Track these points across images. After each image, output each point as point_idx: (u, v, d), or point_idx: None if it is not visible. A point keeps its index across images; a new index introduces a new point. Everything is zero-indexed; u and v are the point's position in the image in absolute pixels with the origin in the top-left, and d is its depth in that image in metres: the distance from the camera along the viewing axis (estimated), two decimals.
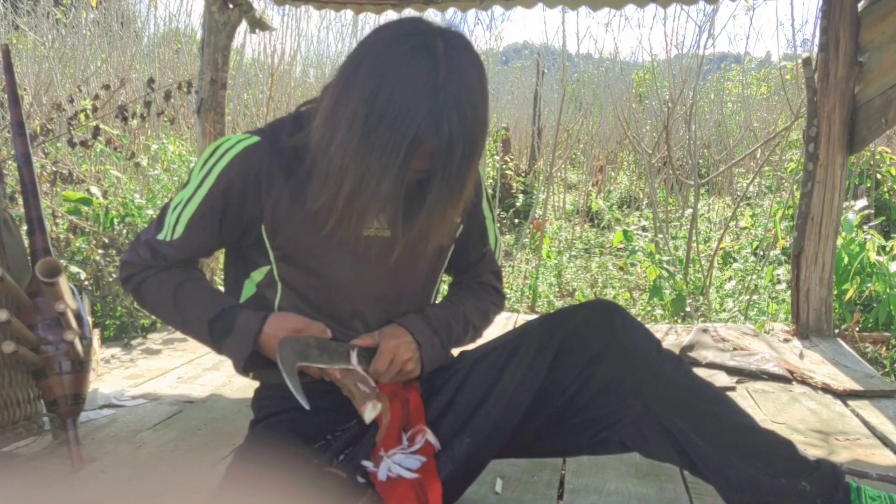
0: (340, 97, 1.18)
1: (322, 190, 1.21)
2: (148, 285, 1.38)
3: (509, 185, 7.54)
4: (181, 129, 6.29)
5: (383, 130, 1.12)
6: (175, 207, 1.35)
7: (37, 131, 3.63)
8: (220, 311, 1.33)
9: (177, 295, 1.35)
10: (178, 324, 1.39)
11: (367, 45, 1.20)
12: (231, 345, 1.32)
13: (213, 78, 3.54)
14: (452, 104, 1.14)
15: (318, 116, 1.23)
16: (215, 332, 1.33)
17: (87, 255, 3.30)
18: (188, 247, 1.36)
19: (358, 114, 1.14)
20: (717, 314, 4.35)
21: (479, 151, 1.21)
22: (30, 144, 1.89)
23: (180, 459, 1.85)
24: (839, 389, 2.49)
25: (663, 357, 1.36)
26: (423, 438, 1.28)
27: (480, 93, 1.19)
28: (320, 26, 8.69)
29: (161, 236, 1.36)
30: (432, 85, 1.13)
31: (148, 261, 1.38)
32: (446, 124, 1.13)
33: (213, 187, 1.31)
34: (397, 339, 1.35)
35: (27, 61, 6.31)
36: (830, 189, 3.16)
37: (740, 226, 6.40)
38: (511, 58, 12.12)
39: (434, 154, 1.16)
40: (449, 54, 1.16)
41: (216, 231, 1.35)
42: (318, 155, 1.21)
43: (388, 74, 1.14)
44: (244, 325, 1.31)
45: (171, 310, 1.36)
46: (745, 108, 7.76)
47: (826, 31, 3.13)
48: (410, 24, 1.22)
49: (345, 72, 1.20)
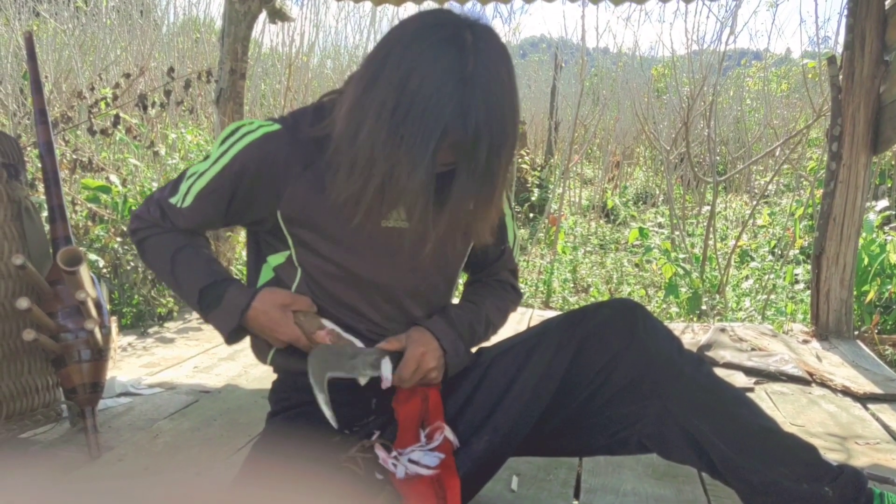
0: (368, 88, 1.17)
1: (349, 181, 1.19)
2: (151, 242, 1.40)
3: (525, 180, 7.52)
4: (199, 118, 6.31)
5: (412, 122, 1.11)
6: (190, 176, 1.36)
7: (57, 119, 3.64)
8: (211, 282, 1.34)
9: (175, 258, 1.37)
10: (172, 286, 1.41)
11: (396, 35, 1.19)
12: (218, 316, 1.33)
13: (232, 68, 3.54)
14: (480, 96, 1.12)
15: (342, 107, 1.22)
16: (204, 302, 1.34)
17: (106, 243, 3.31)
18: (194, 217, 1.37)
19: (386, 104, 1.13)
20: (734, 313, 4.32)
21: (509, 144, 1.19)
22: (51, 131, 1.90)
23: (196, 450, 1.86)
24: (859, 392, 2.46)
25: (685, 357, 1.34)
26: (441, 435, 1.27)
27: (509, 85, 1.17)
28: (338, 17, 8.69)
29: (172, 200, 1.38)
30: (460, 76, 1.11)
31: (156, 219, 1.40)
32: (473, 117, 1.12)
33: (227, 167, 1.32)
34: (425, 346, 1.33)
35: (47, 48, 6.33)
36: (853, 189, 3.12)
37: (758, 224, 6.35)
38: (528, 51, 12.06)
39: (458, 146, 1.14)
40: (477, 46, 1.14)
41: (223, 209, 1.35)
42: (343, 145, 1.20)
43: (416, 65, 1.12)
44: (232, 299, 1.32)
45: (168, 271, 1.38)
46: (766, 105, 7.68)
47: (852, 29, 3.08)
48: (440, 15, 1.21)
49: (372, 62, 1.19)
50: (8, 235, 1.78)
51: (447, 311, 1.41)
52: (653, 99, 7.75)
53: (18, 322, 1.76)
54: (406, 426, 1.28)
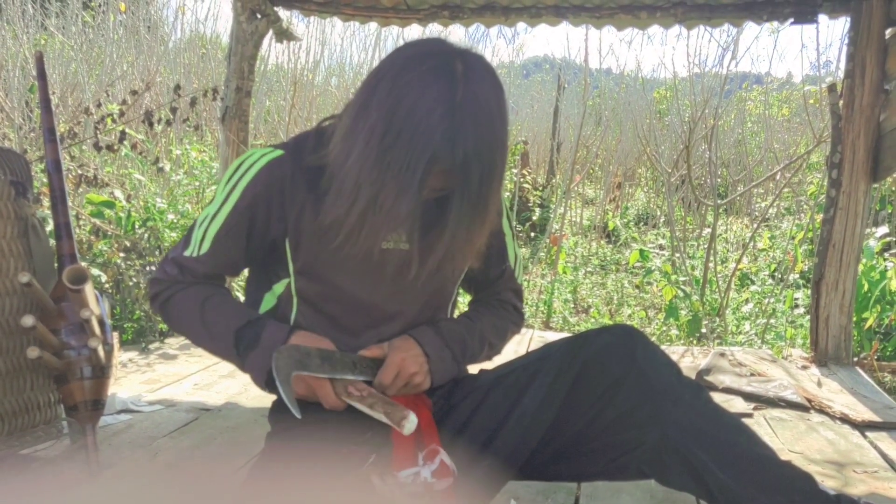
0: (359, 115, 1.19)
1: (335, 205, 1.21)
2: (175, 300, 1.38)
3: (526, 199, 7.55)
4: (204, 134, 6.35)
5: (399, 149, 1.13)
6: (201, 223, 1.36)
7: (63, 134, 3.67)
8: (246, 322, 1.33)
9: (204, 308, 1.35)
10: (204, 338, 1.38)
11: (387, 64, 1.21)
12: (256, 357, 1.31)
13: (238, 86, 3.57)
14: (469, 124, 1.14)
15: (337, 133, 1.24)
16: (241, 344, 1.32)
17: (109, 258, 3.33)
18: (215, 262, 1.37)
19: (375, 131, 1.15)
20: (734, 337, 4.32)
21: (499, 173, 1.21)
22: (59, 149, 1.92)
23: (196, 468, 1.86)
24: (857, 420, 2.46)
25: (683, 384, 1.35)
26: (438, 459, 1.28)
27: (498, 114, 1.19)
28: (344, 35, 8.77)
29: (188, 252, 1.36)
30: (449, 105, 1.13)
31: (175, 276, 1.38)
32: (461, 144, 1.13)
33: (239, 202, 1.32)
34: (405, 351, 1.34)
35: (55, 63, 6.39)
36: (853, 216, 3.14)
37: (758, 247, 6.36)
38: (532, 71, 12.14)
39: (450, 174, 1.16)
40: (467, 76, 1.16)
41: (243, 246, 1.35)
42: (336, 171, 1.22)
43: (405, 94, 1.14)
44: (271, 337, 1.31)
45: (198, 323, 1.35)
46: (767, 129, 7.72)
47: (853, 58, 3.12)
48: (431, 45, 1.23)
49: (364, 90, 1.21)
50: (14, 253, 1.79)
51: (437, 323, 1.42)
52: (654, 121, 7.80)
53: (23, 339, 1.77)
54: (401, 447, 1.28)
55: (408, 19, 3.63)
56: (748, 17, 3.35)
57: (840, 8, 3.21)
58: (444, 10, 3.51)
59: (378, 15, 3.63)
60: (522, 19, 3.55)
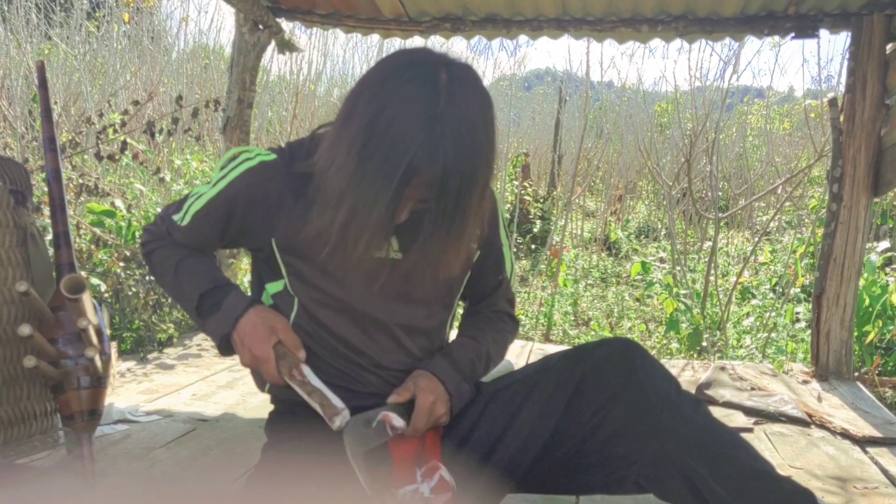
0: (343, 124, 1.19)
1: (320, 216, 1.22)
2: (158, 254, 1.44)
3: (527, 211, 7.55)
4: (205, 144, 6.36)
5: (378, 158, 1.13)
6: (192, 196, 1.41)
7: (65, 144, 3.68)
8: (212, 287, 1.36)
9: (178, 267, 1.40)
10: (175, 295, 1.43)
11: (372, 74, 1.21)
12: (214, 321, 1.34)
13: (240, 97, 3.58)
14: (449, 135, 1.13)
15: (324, 142, 1.25)
16: (203, 307, 1.35)
17: (109, 268, 3.33)
18: (191, 236, 1.41)
19: (356, 141, 1.15)
20: (735, 350, 4.31)
21: (479, 183, 1.20)
22: (60, 159, 1.92)
23: (192, 480, 1.85)
24: (858, 435, 2.45)
25: (682, 398, 1.34)
26: (437, 475, 1.27)
27: (482, 125, 1.18)
28: (346, 47, 8.80)
29: (175, 217, 1.42)
30: (430, 115, 1.12)
31: (163, 233, 1.44)
32: (441, 155, 1.12)
33: (223, 191, 1.35)
34: (433, 394, 1.34)
35: (58, 72, 6.41)
36: (854, 230, 3.14)
37: (759, 261, 6.35)
38: (533, 83, 12.17)
39: (430, 184, 1.15)
40: (451, 86, 1.15)
41: (218, 232, 1.39)
42: (321, 181, 1.22)
43: (387, 103, 1.14)
44: (231, 304, 1.34)
45: (171, 279, 1.41)
46: (768, 143, 7.73)
47: (853, 73, 3.12)
48: (416, 55, 1.23)
49: (349, 100, 1.21)
50: (12, 261, 1.79)
51: (450, 352, 1.42)
52: (656, 134, 7.81)
53: (19, 347, 1.77)
54: (400, 464, 1.28)
55: (409, 31, 3.65)
56: (749, 32, 3.36)
57: (841, 23, 3.22)
58: (445, 22, 3.52)
59: (380, 27, 3.64)
60: (524, 32, 3.56)
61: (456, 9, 3.44)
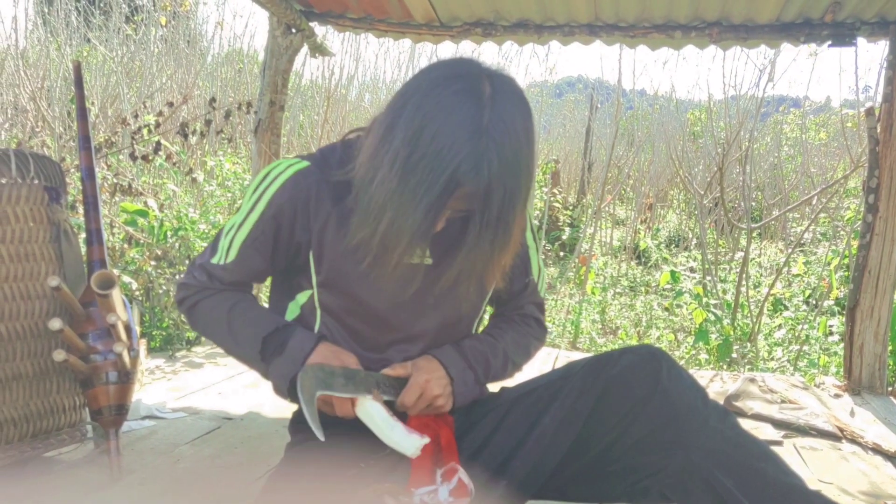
0: (385, 135, 1.19)
1: (361, 226, 1.21)
2: (203, 305, 1.40)
3: (556, 218, 7.52)
4: (238, 146, 6.44)
5: (421, 171, 1.12)
6: (228, 232, 1.37)
7: (101, 144, 3.75)
8: (274, 329, 1.33)
9: (231, 314, 1.36)
10: (230, 343, 1.38)
11: (415, 84, 1.21)
12: (280, 365, 1.31)
13: (272, 100, 3.62)
14: (494, 148, 1.13)
15: (363, 152, 1.24)
16: (267, 350, 1.32)
17: (140, 266, 3.38)
18: (241, 271, 1.38)
19: (400, 154, 1.15)
20: (765, 363, 4.24)
21: (523, 197, 1.20)
22: (94, 157, 1.95)
23: (216, 477, 1.86)
24: (890, 451, 2.39)
25: (709, 408, 1.32)
26: (456, 477, 1.26)
27: (525, 139, 1.18)
28: (378, 52, 8.87)
29: (215, 260, 1.38)
30: (475, 128, 1.12)
31: (204, 283, 1.40)
32: (486, 168, 1.12)
33: (265, 212, 1.33)
34: (429, 373, 1.33)
35: (96, 74, 6.54)
36: (889, 242, 3.07)
37: (793, 272, 6.25)
38: (565, 91, 12.14)
39: (473, 196, 1.15)
40: (494, 98, 1.15)
41: (268, 255, 1.36)
42: (361, 191, 1.22)
43: (432, 116, 1.14)
44: (296, 346, 1.31)
45: (224, 329, 1.36)
46: (803, 153, 7.61)
47: (891, 82, 3.06)
48: (460, 66, 1.22)
49: (391, 110, 1.21)
50: (46, 257, 1.82)
51: (460, 342, 1.41)
52: (688, 142, 7.73)
53: (50, 341, 1.80)
54: (419, 465, 1.27)
55: (440, 36, 3.65)
56: (785, 39, 3.31)
57: (879, 31, 3.16)
58: (476, 27, 3.52)
59: (411, 31, 3.65)
60: (555, 37, 3.55)
61: (487, 14, 3.44)
